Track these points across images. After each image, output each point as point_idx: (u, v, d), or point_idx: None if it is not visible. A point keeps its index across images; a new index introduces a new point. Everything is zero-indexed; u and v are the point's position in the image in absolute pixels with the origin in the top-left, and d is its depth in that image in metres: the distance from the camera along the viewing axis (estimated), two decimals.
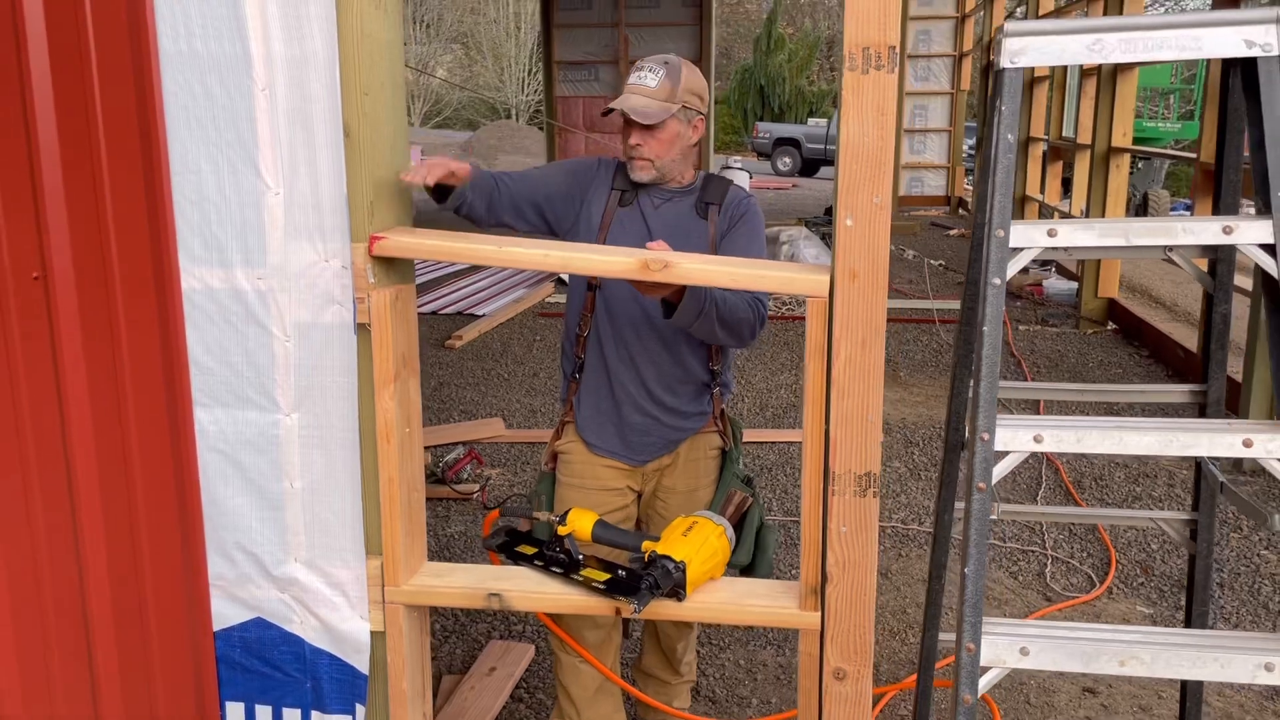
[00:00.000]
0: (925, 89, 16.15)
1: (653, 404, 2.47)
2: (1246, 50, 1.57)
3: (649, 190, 2.46)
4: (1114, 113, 7.93)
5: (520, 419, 5.90)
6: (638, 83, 2.36)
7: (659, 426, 2.49)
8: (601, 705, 2.60)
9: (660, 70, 2.36)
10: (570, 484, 2.55)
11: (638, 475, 2.55)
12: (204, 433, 2.05)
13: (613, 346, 2.46)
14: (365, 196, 1.97)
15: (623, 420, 2.48)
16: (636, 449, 2.51)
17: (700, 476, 2.55)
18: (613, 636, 2.61)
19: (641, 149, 2.38)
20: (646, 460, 2.53)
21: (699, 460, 2.55)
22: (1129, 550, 4.15)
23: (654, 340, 2.44)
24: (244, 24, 1.87)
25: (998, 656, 1.61)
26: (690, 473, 2.55)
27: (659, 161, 2.39)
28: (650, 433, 2.49)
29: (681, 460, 2.54)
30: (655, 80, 2.34)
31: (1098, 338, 7.82)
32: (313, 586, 2.09)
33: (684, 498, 2.54)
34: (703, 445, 2.55)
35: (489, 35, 35.62)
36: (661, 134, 2.36)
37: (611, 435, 2.50)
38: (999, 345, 1.63)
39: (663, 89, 2.34)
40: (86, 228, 1.98)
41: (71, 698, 2.19)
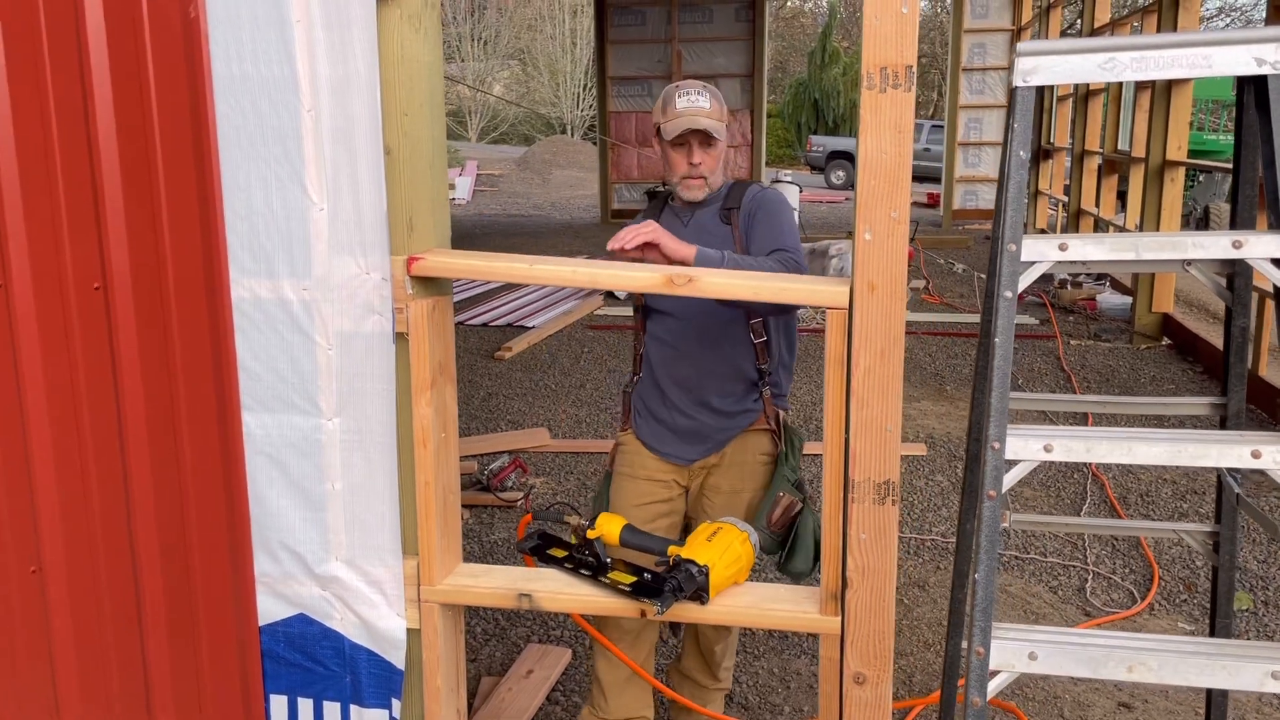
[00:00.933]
0: (980, 102, 16.03)
1: (698, 406, 2.57)
2: (1257, 68, 1.60)
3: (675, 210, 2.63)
4: (1168, 125, 7.84)
5: (566, 429, 5.99)
6: (693, 105, 2.49)
7: (705, 427, 2.58)
8: (631, 693, 2.66)
9: (706, 93, 2.52)
10: (622, 473, 2.68)
11: (685, 472, 2.65)
12: (251, 436, 2.15)
13: (659, 350, 2.60)
14: (404, 212, 2.06)
15: (671, 421, 2.60)
16: (683, 448, 2.61)
17: (746, 479, 2.61)
18: (649, 628, 2.68)
19: (702, 167, 2.53)
20: (693, 459, 2.62)
21: (746, 463, 2.61)
22: (1173, 566, 4.11)
23: (698, 342, 2.54)
24: (291, 48, 1.98)
25: (1007, 660, 1.64)
26: (736, 474, 2.61)
27: (711, 179, 2.55)
28: (698, 433, 2.59)
29: (727, 461, 2.61)
30: (707, 101, 2.50)
31: (1151, 353, 7.72)
32: (352, 584, 2.18)
33: (728, 498, 2.61)
34: (751, 448, 2.61)
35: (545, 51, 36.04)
36: (715, 152, 2.53)
37: (661, 434, 2.63)
38: (1010, 356, 1.67)
39: (715, 109, 2.51)
40: (144, 241, 2.10)
41: (125, 690, 2.31)
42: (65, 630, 2.29)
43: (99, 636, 2.29)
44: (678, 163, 2.54)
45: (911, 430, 5.91)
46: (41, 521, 2.25)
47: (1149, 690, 3.22)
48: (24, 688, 2.33)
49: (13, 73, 2.07)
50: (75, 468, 2.22)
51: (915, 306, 9.49)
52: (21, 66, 2.07)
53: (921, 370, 7.27)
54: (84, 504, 2.23)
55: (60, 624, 2.29)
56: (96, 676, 2.31)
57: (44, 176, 2.11)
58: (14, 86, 2.08)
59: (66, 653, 2.30)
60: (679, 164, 2.54)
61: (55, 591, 2.27)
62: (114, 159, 2.07)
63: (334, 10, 1.95)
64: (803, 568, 2.49)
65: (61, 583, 2.27)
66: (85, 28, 2.02)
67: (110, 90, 2.05)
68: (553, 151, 27.82)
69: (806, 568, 2.50)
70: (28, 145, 2.10)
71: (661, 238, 2.26)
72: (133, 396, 2.16)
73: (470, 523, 4.67)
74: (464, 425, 6.08)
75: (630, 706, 2.68)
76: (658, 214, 2.65)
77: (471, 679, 3.31)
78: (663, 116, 2.53)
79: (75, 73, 2.04)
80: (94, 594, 2.28)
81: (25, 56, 2.07)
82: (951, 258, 12.35)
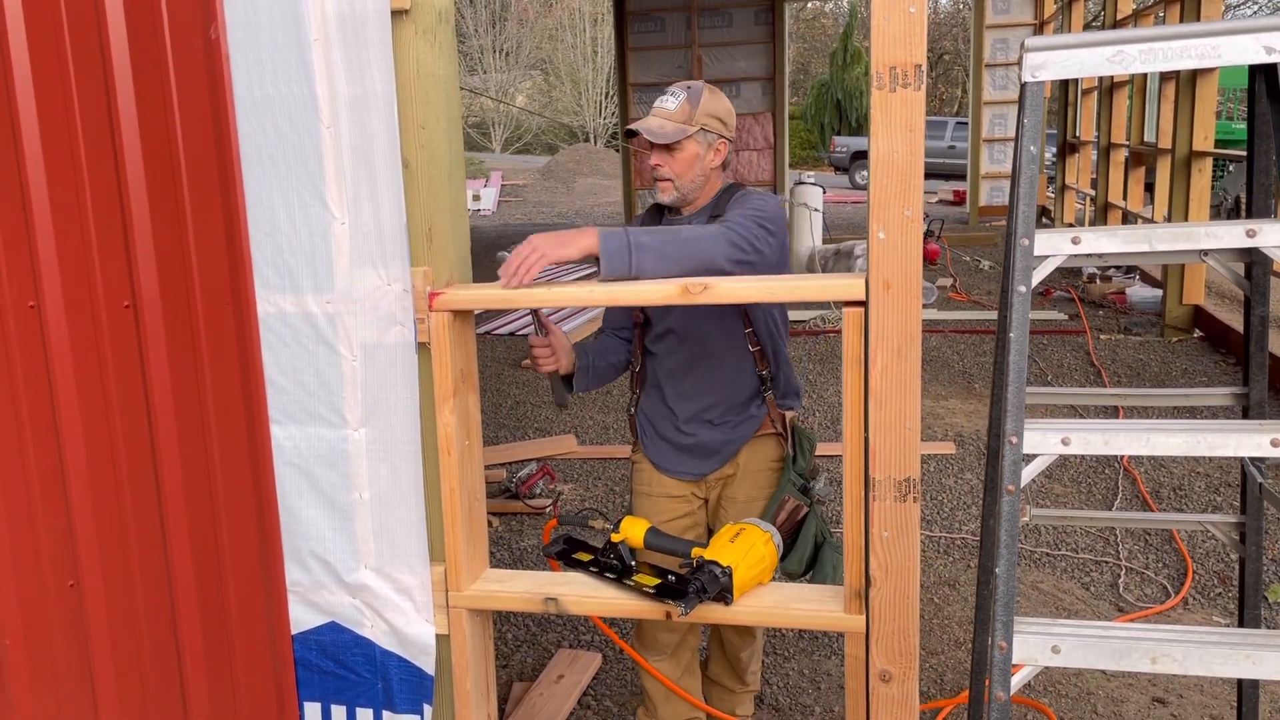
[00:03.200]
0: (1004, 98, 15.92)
1: (703, 423, 2.55)
2: (1267, 57, 1.60)
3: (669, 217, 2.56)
4: (1194, 116, 7.77)
5: (593, 435, 6.02)
6: (658, 106, 2.44)
7: (713, 441, 2.57)
8: (677, 703, 2.69)
9: (681, 94, 2.43)
10: (640, 491, 2.68)
11: (701, 485, 2.63)
12: (280, 448, 2.19)
13: (661, 368, 2.58)
14: (424, 223, 2.10)
15: (677, 439, 2.58)
16: (694, 464, 2.60)
17: (760, 488, 2.60)
18: (688, 639, 2.69)
19: (661, 169, 2.45)
20: (705, 473, 2.61)
21: (760, 471, 2.60)
22: (1207, 560, 4.07)
23: (701, 357, 2.52)
24: (310, 68, 2.02)
25: (1029, 654, 1.64)
26: (750, 484, 2.60)
27: (679, 182, 2.44)
28: (705, 448, 2.57)
29: (741, 471, 2.60)
30: (674, 103, 2.42)
31: (1183, 346, 7.63)
32: (382, 592, 2.21)
33: (742, 507, 2.60)
34: (762, 456, 2.59)
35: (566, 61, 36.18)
36: (680, 154, 2.42)
37: (668, 453, 2.61)
38: (1025, 351, 1.67)
39: (680, 111, 2.41)
40: (171, 260, 2.15)
41: (162, 699, 2.35)
42: (103, 642, 2.34)
43: (135, 648, 2.34)
44: (651, 166, 2.48)
45: (940, 429, 5.88)
46: (78, 537, 2.30)
47: (1184, 684, 3.20)
48: (64, 697, 2.38)
49: (41, 96, 2.13)
50: (110, 483, 2.27)
51: (943, 304, 9.44)
52: (49, 91, 2.13)
53: (950, 368, 7.23)
54: (119, 519, 2.29)
55: (98, 636, 2.34)
56: (133, 686, 2.36)
57: (73, 198, 2.16)
58: (42, 109, 2.13)
59: (105, 664, 2.35)
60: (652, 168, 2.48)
61: (93, 604, 2.33)
62: (140, 180, 2.12)
63: (350, 29, 1.99)
64: (795, 569, 2.48)
65: (99, 596, 2.33)
66: (110, 52, 2.07)
67: (135, 112, 2.10)
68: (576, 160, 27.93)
69: (799, 569, 2.48)
70: (57, 168, 2.16)
71: (546, 251, 2.08)
72: (164, 412, 2.21)
73: (500, 530, 4.70)
74: (492, 433, 6.12)
75: (680, 712, 2.72)
76: (656, 222, 2.60)
77: (503, 684, 3.33)
78: None
79: (101, 95, 2.10)
80: (130, 606, 2.32)
81: (52, 81, 2.12)
82: (978, 255, 12.28)
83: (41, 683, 2.38)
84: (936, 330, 8.32)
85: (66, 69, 2.11)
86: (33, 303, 2.21)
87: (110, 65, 2.08)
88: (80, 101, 2.11)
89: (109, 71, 2.08)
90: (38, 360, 2.23)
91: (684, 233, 2.17)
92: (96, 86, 2.10)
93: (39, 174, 2.16)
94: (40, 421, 2.26)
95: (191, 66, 2.06)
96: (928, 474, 5.18)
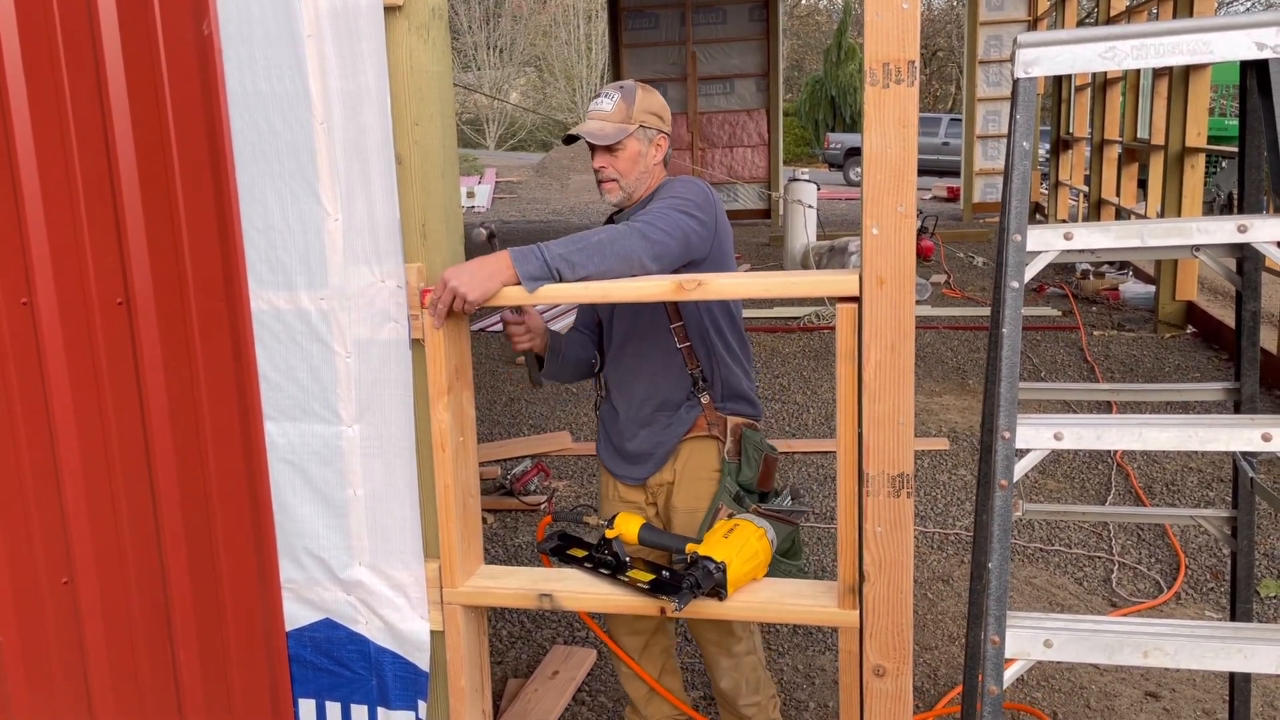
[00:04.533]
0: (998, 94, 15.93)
1: (637, 423, 2.51)
2: (1258, 52, 1.61)
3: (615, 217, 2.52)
4: (1187, 112, 7.79)
5: (587, 432, 6.02)
6: (594, 108, 2.42)
7: (645, 443, 2.51)
8: (658, 705, 2.68)
9: (615, 94, 2.41)
10: (602, 495, 2.68)
11: (643, 492, 2.57)
12: (274, 445, 2.19)
13: (607, 368, 2.58)
14: (417, 220, 2.10)
15: (619, 440, 2.57)
16: (630, 468, 2.55)
17: (700, 497, 2.49)
18: (657, 640, 2.66)
19: (606, 170, 2.42)
20: (643, 478, 2.54)
21: (698, 480, 2.50)
22: (1199, 555, 4.09)
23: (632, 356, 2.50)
24: (303, 63, 2.02)
25: (1022, 649, 1.65)
26: (690, 493, 2.50)
27: (624, 181, 2.42)
28: (639, 450, 2.52)
29: (679, 477, 2.51)
30: (610, 104, 2.40)
31: (1176, 341, 7.66)
32: (376, 589, 2.21)
33: (686, 517, 2.49)
34: (700, 464, 2.49)
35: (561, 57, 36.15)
36: (622, 154, 2.40)
37: (612, 454, 2.60)
38: (1018, 346, 1.68)
39: (618, 111, 2.39)
40: (164, 257, 2.15)
41: (157, 696, 2.35)
42: (98, 639, 2.34)
43: (130, 644, 2.34)
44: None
45: (934, 425, 5.89)
46: (71, 533, 2.29)
47: (1177, 679, 3.21)
48: (59, 694, 2.38)
49: (33, 92, 2.12)
50: (103, 480, 2.27)
51: (937, 301, 9.45)
52: (41, 87, 2.12)
53: (944, 365, 7.24)
54: (112, 515, 2.28)
55: (92, 633, 2.34)
56: (128, 683, 2.35)
57: (66, 195, 2.16)
58: (34, 105, 2.13)
59: (99, 660, 2.35)
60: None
61: (87, 601, 2.32)
62: (133, 176, 2.11)
63: (343, 24, 1.99)
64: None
65: (93, 593, 2.32)
66: (102, 48, 2.07)
67: (128, 108, 2.09)
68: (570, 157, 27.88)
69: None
70: (49, 164, 2.15)
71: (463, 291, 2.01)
72: (157, 408, 2.20)
73: (494, 527, 4.70)
74: (487, 430, 6.12)
75: (662, 710, 2.71)
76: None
77: (498, 681, 3.34)
78: None
79: (94, 91, 2.09)
80: (124, 603, 2.32)
81: (44, 77, 2.12)
82: (972, 251, 12.30)
83: (36, 680, 2.37)
84: (931, 326, 8.34)
85: (59, 65, 2.10)
86: (25, 300, 2.21)
87: (102, 61, 2.07)
88: (72, 97, 2.11)
89: (101, 67, 2.07)
90: (31, 357, 2.23)
91: (594, 236, 2.13)
92: (89, 82, 2.09)
93: (31, 170, 2.15)
94: (34, 418, 2.25)
95: (184, 62, 2.06)
96: (922, 470, 5.19)
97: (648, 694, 2.67)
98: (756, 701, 2.63)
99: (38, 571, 2.33)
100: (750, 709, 2.63)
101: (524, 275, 2.03)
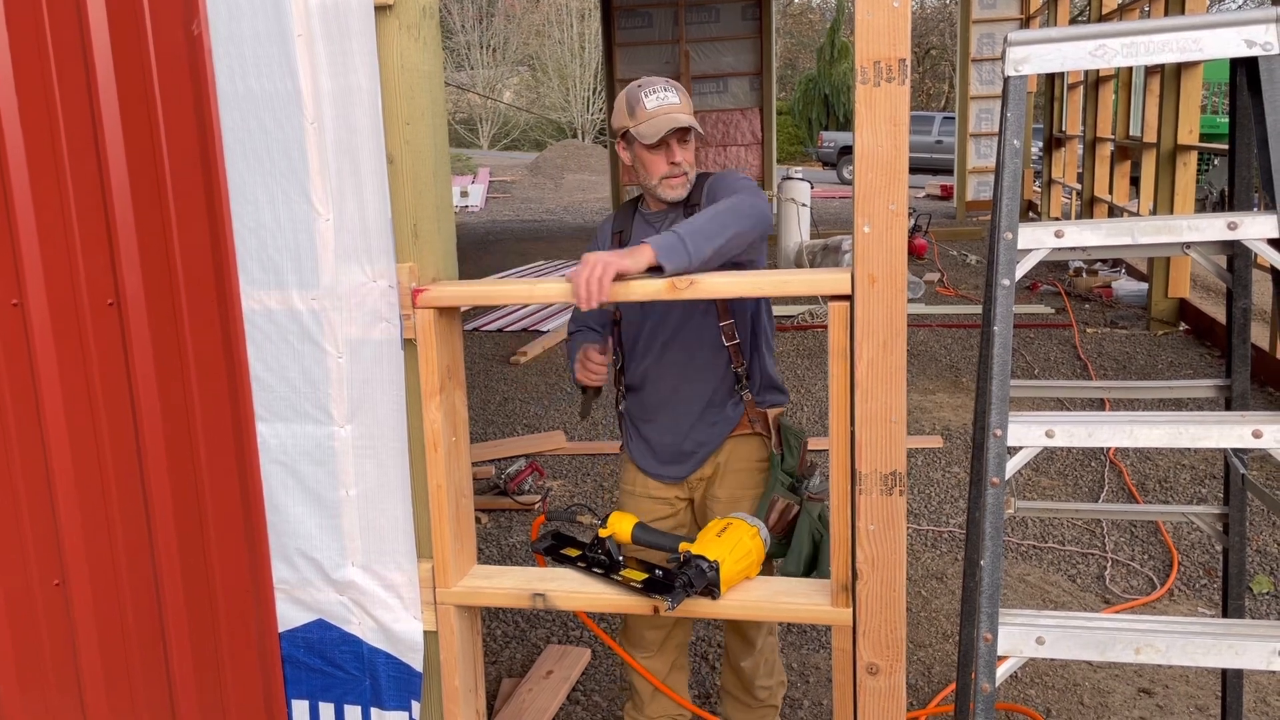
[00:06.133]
0: (990, 92, 15.95)
1: (679, 423, 2.53)
2: (1247, 50, 1.61)
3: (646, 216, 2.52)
4: (1179, 110, 7.80)
5: (581, 432, 6.02)
6: (665, 102, 2.39)
7: (688, 443, 2.54)
8: (664, 700, 2.69)
9: (671, 89, 2.42)
10: (624, 489, 2.67)
11: (682, 486, 2.61)
12: (265, 445, 2.18)
13: (640, 367, 2.56)
14: (409, 219, 2.09)
15: (658, 440, 2.57)
16: (671, 467, 2.57)
17: (744, 486, 2.56)
18: (675, 635, 2.68)
19: (683, 164, 2.43)
20: (683, 476, 2.58)
21: (741, 470, 2.57)
22: (1192, 552, 4.10)
23: (676, 355, 2.50)
24: (294, 63, 2.01)
25: (1014, 646, 1.65)
26: (732, 483, 2.57)
27: (691, 174, 2.44)
28: (681, 449, 2.55)
29: (722, 470, 2.57)
30: (677, 96, 2.41)
31: (1169, 339, 7.68)
32: (369, 589, 2.21)
33: (726, 506, 2.56)
34: (745, 454, 2.56)
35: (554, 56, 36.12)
36: (691, 145, 2.44)
37: (648, 454, 2.60)
38: (1009, 344, 1.68)
39: (685, 103, 2.42)
40: (155, 257, 2.14)
41: (150, 697, 2.35)
42: (90, 641, 2.33)
43: (123, 646, 2.33)
44: (656, 164, 2.42)
45: (928, 423, 5.90)
46: (63, 535, 2.29)
47: (1170, 675, 3.22)
48: (52, 696, 2.37)
49: (22, 93, 2.12)
50: (95, 481, 2.26)
51: (930, 299, 9.46)
52: (30, 87, 2.12)
53: (937, 363, 7.25)
54: (104, 516, 2.28)
55: (85, 634, 2.33)
56: (122, 685, 2.35)
57: (56, 195, 2.15)
58: (24, 107, 2.12)
59: (92, 662, 2.34)
60: (657, 165, 2.41)
61: (79, 603, 2.32)
62: (123, 177, 2.11)
63: (334, 23, 1.99)
64: (793, 569, 2.42)
65: (85, 595, 2.32)
66: (91, 48, 2.06)
67: (118, 108, 2.08)
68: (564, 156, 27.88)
69: (797, 569, 2.42)
70: (39, 164, 2.14)
71: (620, 266, 2.01)
72: (149, 409, 2.20)
73: (488, 526, 4.70)
74: (480, 430, 6.12)
75: (666, 707, 2.71)
76: (629, 223, 2.55)
77: (492, 681, 3.34)
78: (632, 120, 2.40)
79: (83, 92, 2.08)
80: (117, 605, 2.32)
81: (33, 77, 2.11)
82: (966, 249, 12.32)
83: (29, 681, 2.37)
84: (924, 325, 8.35)
85: (48, 65, 2.09)
86: (16, 301, 2.20)
87: (92, 61, 2.06)
88: (62, 97, 2.10)
89: (91, 67, 2.07)
90: (21, 359, 2.22)
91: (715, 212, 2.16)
92: (78, 82, 2.08)
93: (21, 171, 2.14)
94: (25, 420, 2.25)
95: (174, 62, 2.05)
96: (916, 468, 5.20)
97: (653, 691, 2.68)
98: (769, 685, 2.75)
99: (30, 573, 2.32)
100: (763, 692, 2.74)
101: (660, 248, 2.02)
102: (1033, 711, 3.05)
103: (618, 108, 2.46)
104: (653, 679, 2.59)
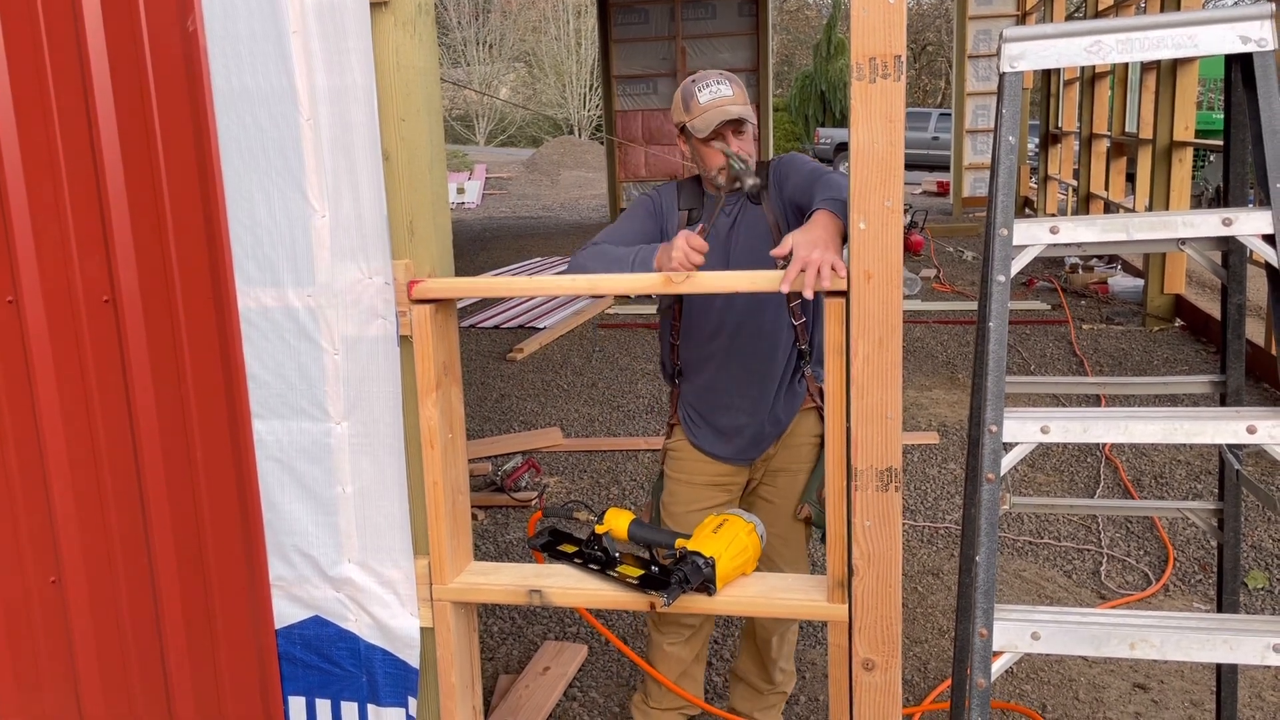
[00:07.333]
0: (987, 89, 15.95)
1: (757, 406, 2.56)
2: (1242, 46, 1.61)
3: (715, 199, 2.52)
4: (1175, 106, 7.81)
5: (579, 428, 6.02)
6: (718, 95, 2.42)
7: (766, 422, 2.58)
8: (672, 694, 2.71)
9: (725, 81, 2.45)
10: (676, 479, 2.67)
11: (745, 469, 2.65)
12: (262, 442, 2.18)
13: (705, 354, 2.57)
14: (405, 216, 2.09)
15: (733, 423, 2.59)
16: (748, 449, 2.61)
17: (801, 461, 2.62)
18: (706, 625, 2.72)
19: (742, 153, 2.44)
20: (754, 457, 2.63)
21: (799, 446, 2.62)
22: (1187, 548, 4.11)
23: (748, 340, 2.53)
24: (289, 60, 2.01)
25: (1010, 641, 1.66)
26: (792, 455, 2.62)
27: (751, 162, 2.46)
28: (759, 432, 2.59)
29: (781, 444, 2.63)
30: (730, 89, 2.43)
31: (1164, 335, 7.69)
32: (366, 586, 2.21)
33: (789, 478, 2.62)
34: (805, 429, 2.61)
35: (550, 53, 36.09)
36: (747, 136, 2.47)
37: (715, 440, 2.62)
38: (1004, 340, 1.68)
39: (739, 94, 2.45)
40: (151, 254, 2.14)
41: (147, 694, 2.35)
42: (86, 638, 2.33)
43: (119, 643, 2.33)
44: (712, 156, 2.45)
45: (924, 419, 5.91)
46: (59, 533, 2.29)
47: (1165, 670, 3.23)
48: (48, 694, 2.37)
49: (17, 91, 2.11)
50: (91, 478, 2.26)
51: (926, 295, 9.47)
52: (26, 85, 2.11)
53: (933, 359, 7.26)
54: (100, 514, 2.27)
55: (81, 632, 2.33)
56: (118, 682, 2.35)
57: (51, 192, 2.15)
58: (19, 104, 2.12)
59: (88, 659, 2.34)
60: (713, 157, 2.45)
61: (75, 601, 2.32)
62: (119, 174, 2.11)
63: (329, 20, 1.98)
64: None
65: (81, 592, 2.32)
66: (86, 45, 2.06)
67: (113, 105, 2.08)
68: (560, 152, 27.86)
69: None
70: (34, 161, 2.14)
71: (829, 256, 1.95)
72: (145, 407, 2.20)
73: (485, 523, 4.70)
74: (477, 427, 6.12)
75: (676, 699, 2.73)
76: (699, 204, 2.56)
77: (489, 677, 3.34)
78: (687, 114, 2.45)
79: (78, 88, 2.08)
80: (113, 602, 2.31)
81: (29, 74, 2.11)
82: (962, 246, 12.33)
83: (24, 679, 2.37)
84: (920, 321, 8.35)
85: (43, 62, 2.09)
86: (11, 298, 2.20)
87: (87, 58, 2.06)
88: (57, 94, 2.10)
89: (86, 64, 2.06)
90: (17, 356, 2.22)
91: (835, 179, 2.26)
92: (73, 79, 2.08)
93: (16, 168, 2.14)
94: (20, 417, 2.24)
95: (169, 59, 2.05)
96: (912, 464, 5.20)
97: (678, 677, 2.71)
98: (788, 670, 2.81)
99: (25, 570, 2.32)
100: (780, 675, 2.81)
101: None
102: (1029, 709, 3.05)
103: (675, 103, 2.52)
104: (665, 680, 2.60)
